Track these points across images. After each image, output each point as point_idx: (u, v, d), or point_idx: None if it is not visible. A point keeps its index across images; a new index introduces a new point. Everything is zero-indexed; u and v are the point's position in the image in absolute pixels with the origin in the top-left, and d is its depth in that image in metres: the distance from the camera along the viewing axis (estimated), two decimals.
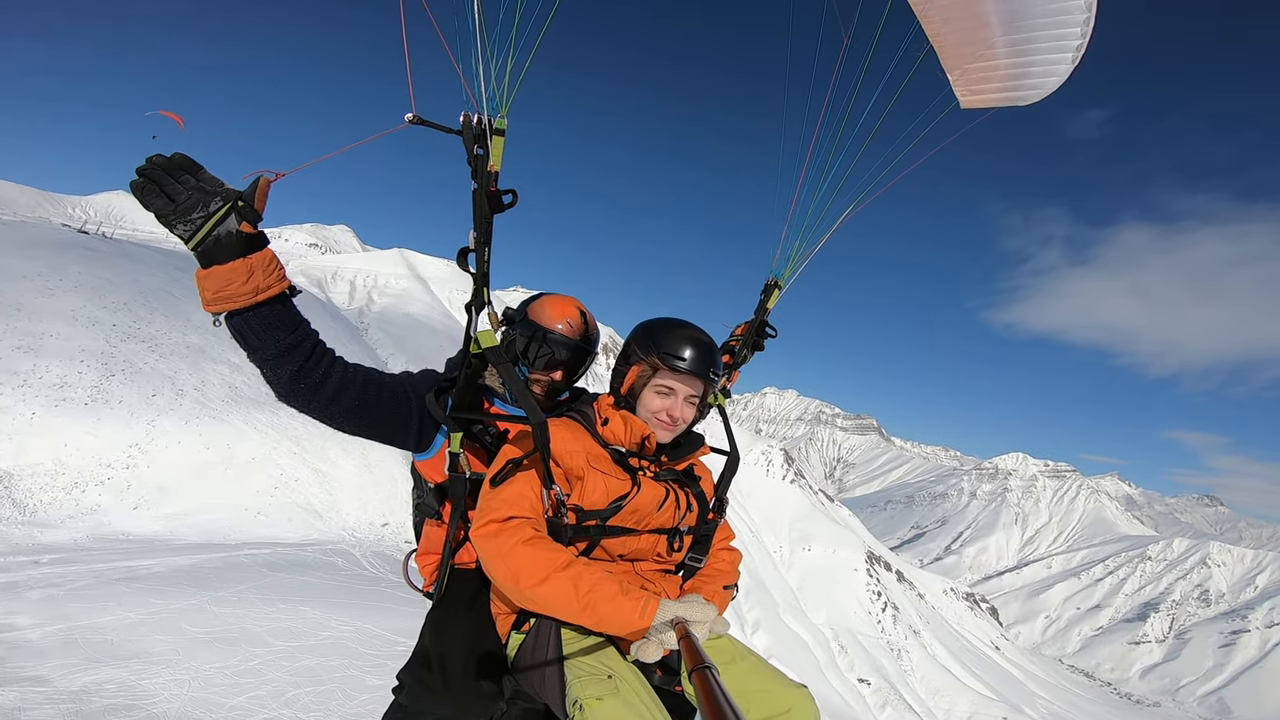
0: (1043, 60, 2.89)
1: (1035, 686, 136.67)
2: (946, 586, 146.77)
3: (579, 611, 1.84)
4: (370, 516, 17.54)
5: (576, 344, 2.52)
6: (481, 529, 1.97)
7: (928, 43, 2.98)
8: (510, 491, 2.04)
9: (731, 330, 3.30)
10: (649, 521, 2.20)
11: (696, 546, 2.37)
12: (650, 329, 2.29)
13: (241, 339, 1.95)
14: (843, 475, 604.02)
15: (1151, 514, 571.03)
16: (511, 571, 1.88)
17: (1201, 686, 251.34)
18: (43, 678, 5.86)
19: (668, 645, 1.80)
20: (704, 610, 1.82)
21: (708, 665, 1.34)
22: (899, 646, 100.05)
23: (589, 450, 2.17)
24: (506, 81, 2.02)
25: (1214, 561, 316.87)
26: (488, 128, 2.01)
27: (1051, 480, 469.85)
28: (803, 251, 3.13)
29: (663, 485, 2.24)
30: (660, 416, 2.23)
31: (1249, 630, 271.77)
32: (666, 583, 2.31)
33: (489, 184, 2.02)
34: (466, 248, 2.10)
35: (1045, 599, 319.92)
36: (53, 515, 13.70)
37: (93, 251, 23.06)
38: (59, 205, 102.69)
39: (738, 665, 2.07)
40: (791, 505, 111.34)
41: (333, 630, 8.17)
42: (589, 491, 2.11)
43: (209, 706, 5.74)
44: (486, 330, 2.20)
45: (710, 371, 2.24)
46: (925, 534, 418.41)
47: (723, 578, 2.43)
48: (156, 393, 17.82)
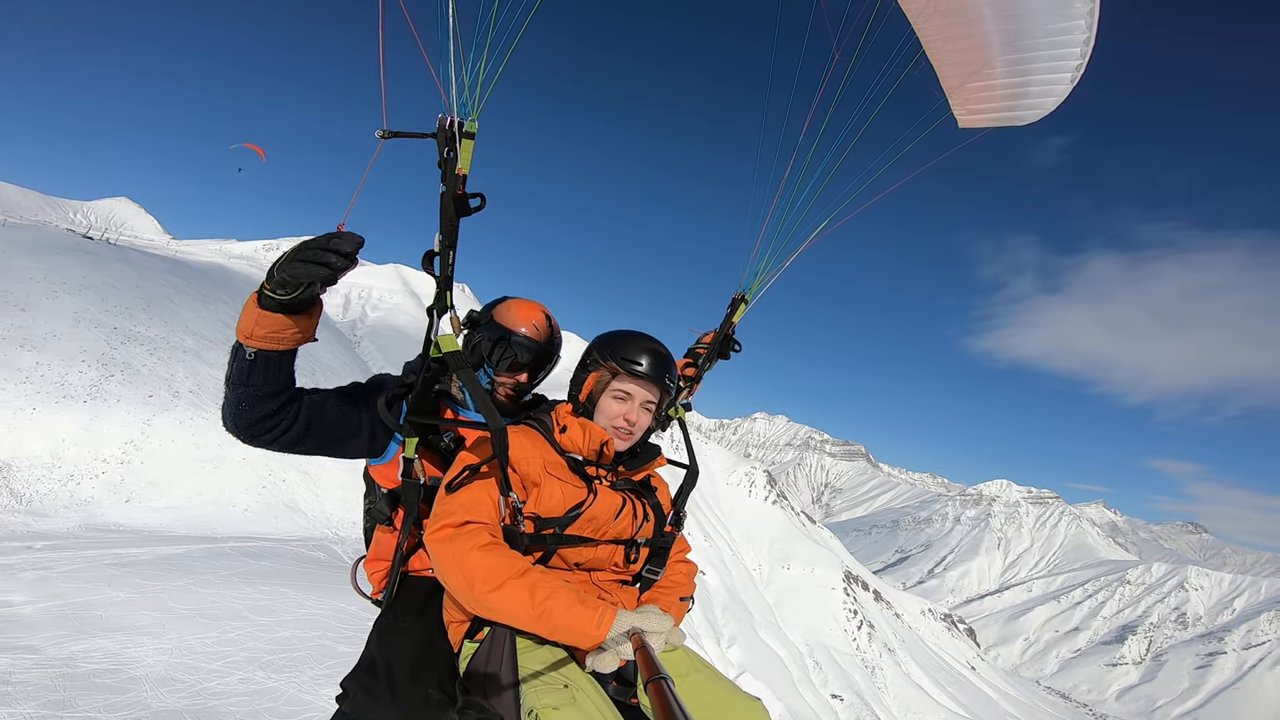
0: (1041, 80, 2.89)
1: (1009, 706, 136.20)
2: (924, 607, 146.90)
3: (534, 619, 1.82)
4: (354, 516, 17.78)
5: (541, 346, 2.54)
6: (436, 533, 1.95)
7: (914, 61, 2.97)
8: (467, 496, 2.02)
9: (699, 337, 3.28)
10: (606, 531, 2.19)
11: (654, 559, 2.37)
12: (608, 338, 2.36)
13: (250, 372, 1.99)
14: (830, 500, 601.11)
15: (1136, 541, 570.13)
16: (466, 577, 1.86)
17: (1177, 708, 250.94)
18: (34, 647, 6.19)
19: (624, 656, 1.81)
20: (661, 621, 1.83)
21: (663, 676, 1.34)
22: (873, 664, 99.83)
23: (546, 457, 2.17)
24: (479, 86, 2.03)
25: (1191, 585, 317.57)
26: (457, 131, 2.02)
27: (1034, 506, 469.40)
28: (772, 267, 3.11)
29: (620, 494, 2.24)
30: (617, 422, 2.25)
31: (1225, 652, 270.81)
32: (623, 593, 2.30)
33: (457, 186, 2.02)
34: (432, 251, 2.09)
35: (1025, 622, 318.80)
36: (48, 505, 14.15)
37: (95, 256, 23.46)
38: (61, 210, 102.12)
39: (693, 678, 2.07)
40: (772, 525, 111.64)
41: (310, 608, 8.52)
42: (545, 498, 2.10)
43: (188, 670, 6.18)
44: (448, 334, 2.17)
45: (665, 378, 2.29)
46: (909, 558, 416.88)
47: (679, 589, 2.45)
48: (153, 393, 18.22)
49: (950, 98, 3.08)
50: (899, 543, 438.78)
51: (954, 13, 2.78)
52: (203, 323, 22.99)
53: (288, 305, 1.89)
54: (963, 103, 3.09)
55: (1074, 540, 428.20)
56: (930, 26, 2.85)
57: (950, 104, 3.10)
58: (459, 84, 2.00)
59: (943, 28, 2.85)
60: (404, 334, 47.50)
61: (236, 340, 1.97)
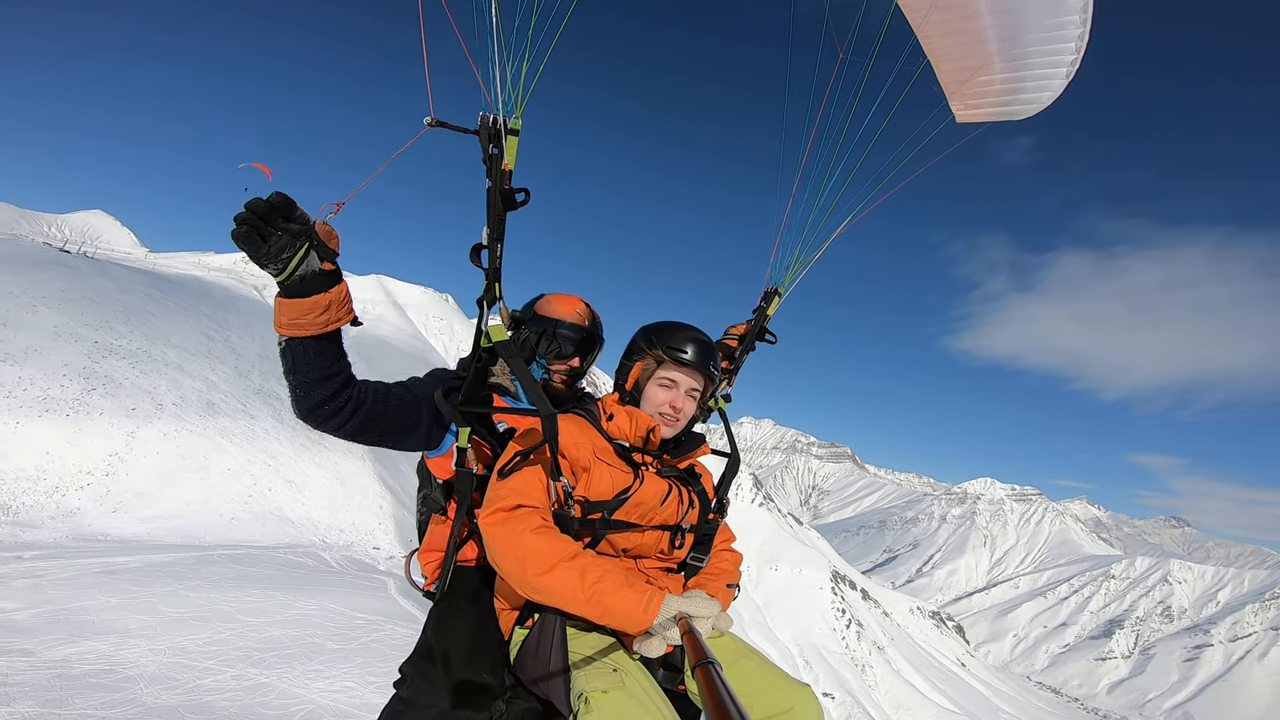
0: (1037, 75, 2.95)
1: (1000, 701, 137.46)
2: (913, 605, 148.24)
3: (584, 602, 1.82)
4: (341, 524, 17.89)
5: (586, 330, 2.66)
6: (489, 516, 1.98)
7: (922, 59, 3.02)
8: (519, 481, 2.05)
9: (726, 329, 3.31)
10: (653, 517, 2.21)
11: (698, 546, 2.39)
12: (654, 327, 2.39)
13: (292, 360, 2.05)
14: (818, 502, 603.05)
15: (1120, 536, 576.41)
16: (518, 559, 1.87)
17: (1167, 700, 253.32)
18: (28, 650, 6.23)
19: (671, 640, 1.82)
20: (708, 606, 1.84)
21: (711, 661, 1.34)
22: (863, 662, 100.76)
23: (595, 443, 2.21)
24: (522, 83, 2.07)
25: (1175, 579, 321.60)
26: (503, 128, 2.07)
27: (1018, 504, 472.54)
28: (803, 259, 3.14)
29: (665, 480, 2.27)
30: (664, 409, 2.30)
31: (1212, 645, 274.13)
32: (669, 580, 2.32)
33: (503, 182, 2.07)
34: (480, 244, 2.14)
35: (1013, 618, 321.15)
36: (35, 516, 14.04)
37: (73, 270, 23.31)
38: (35, 223, 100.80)
39: (741, 663, 2.09)
40: (760, 528, 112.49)
41: (298, 609, 8.65)
42: (595, 482, 2.14)
43: (182, 669, 6.31)
44: (497, 324, 2.22)
45: (710, 365, 2.33)
46: (897, 557, 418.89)
47: (726, 577, 2.48)
48: (136, 406, 18.12)
49: (948, 93, 3.14)
50: (887, 542, 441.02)
51: (952, 8, 2.85)
52: (184, 335, 22.86)
53: (293, 287, 1.92)
54: (961, 98, 3.14)
55: (1058, 536, 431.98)
56: (930, 22, 2.91)
57: (948, 99, 3.15)
58: (502, 81, 2.04)
59: (941, 23, 2.90)
60: (387, 344, 47.26)
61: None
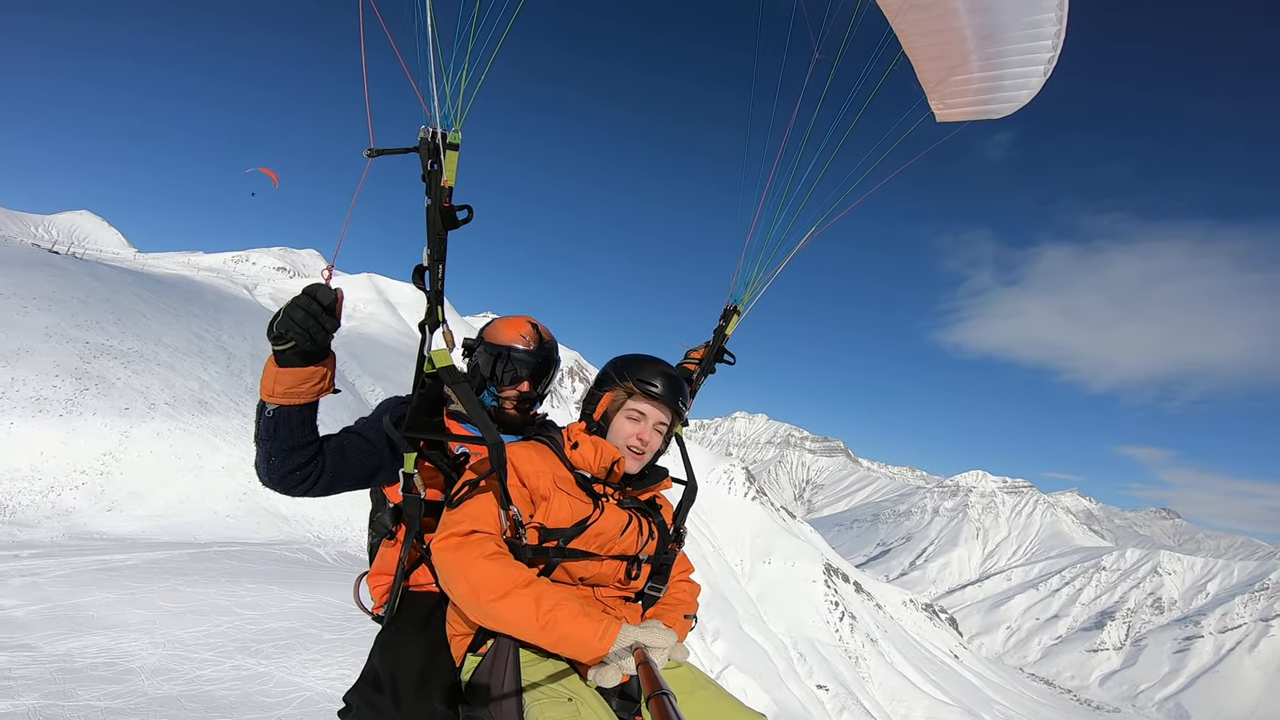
0: (1015, 74, 2.95)
1: (993, 693, 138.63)
2: (905, 598, 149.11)
3: (539, 630, 1.81)
4: (335, 520, 18.09)
5: (535, 353, 2.63)
6: (443, 541, 1.95)
7: (896, 58, 3.00)
8: (473, 508, 2.04)
9: (686, 352, 3.28)
10: (611, 547, 2.20)
11: (656, 575, 2.38)
12: (626, 360, 2.40)
13: (274, 428, 2.05)
14: (811, 496, 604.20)
15: (1111, 528, 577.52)
16: (471, 585, 1.85)
17: (1159, 692, 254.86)
18: (29, 645, 6.39)
19: (626, 671, 1.78)
20: (664, 636, 1.81)
21: (666, 692, 1.33)
22: (856, 654, 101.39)
23: (555, 472, 2.20)
24: (461, 96, 2.00)
25: (1165, 570, 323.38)
26: (440, 142, 2.00)
27: (1010, 496, 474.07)
28: (762, 276, 3.09)
29: (626, 512, 2.26)
30: (631, 441, 2.30)
31: (1203, 636, 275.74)
32: (626, 610, 2.31)
33: (443, 199, 2.01)
34: (422, 265, 2.08)
35: (1006, 610, 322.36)
36: (31, 516, 14.29)
37: (63, 271, 23.45)
38: (22, 224, 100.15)
39: (698, 694, 2.06)
40: (753, 521, 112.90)
41: (295, 602, 8.92)
42: (554, 511, 2.13)
43: (181, 660, 6.46)
44: (441, 349, 2.16)
45: (679, 401, 2.36)
46: (891, 550, 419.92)
47: (683, 608, 2.47)
48: (129, 405, 18.28)
49: (928, 92, 3.13)
50: (880, 536, 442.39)
51: (930, 6, 2.85)
52: (174, 335, 23.04)
53: (303, 356, 1.95)
54: (940, 97, 3.14)
55: (1050, 528, 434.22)
56: (907, 21, 2.91)
57: (927, 98, 3.15)
58: (440, 95, 1.97)
59: (919, 21, 2.90)
60: (377, 343, 47.47)
61: (260, 399, 2.04)
